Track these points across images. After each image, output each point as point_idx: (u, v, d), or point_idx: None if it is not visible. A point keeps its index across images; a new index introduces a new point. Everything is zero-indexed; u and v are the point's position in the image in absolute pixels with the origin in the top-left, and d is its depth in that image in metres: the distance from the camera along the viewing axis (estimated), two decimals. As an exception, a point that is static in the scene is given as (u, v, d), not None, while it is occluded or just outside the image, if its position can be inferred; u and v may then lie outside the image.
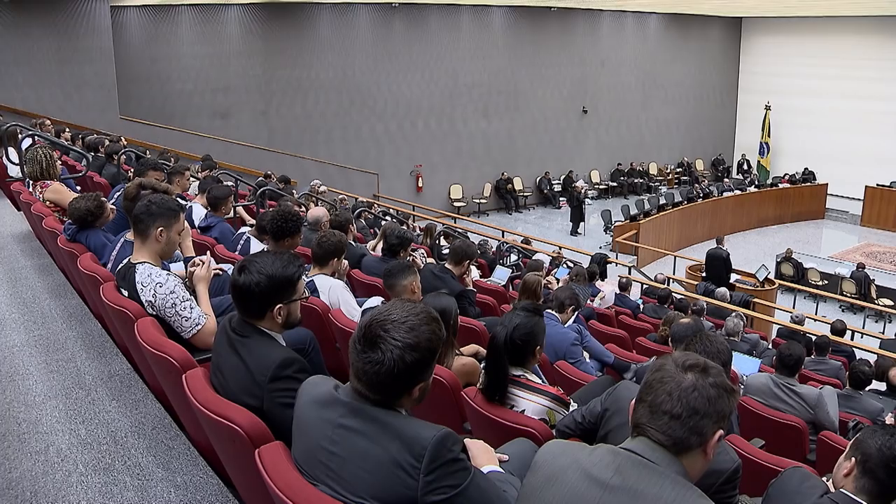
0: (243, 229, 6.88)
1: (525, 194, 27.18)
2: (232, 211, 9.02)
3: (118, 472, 3.43)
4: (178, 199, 5.79)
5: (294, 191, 14.91)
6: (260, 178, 15.33)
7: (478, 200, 25.95)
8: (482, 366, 3.99)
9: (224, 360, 3.00)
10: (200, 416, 2.76)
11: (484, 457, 2.76)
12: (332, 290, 5.19)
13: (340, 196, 16.52)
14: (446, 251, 9.51)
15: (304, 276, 3.29)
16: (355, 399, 2.31)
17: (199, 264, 4.09)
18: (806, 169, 28.95)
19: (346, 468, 2.27)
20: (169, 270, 4.00)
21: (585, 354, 6.51)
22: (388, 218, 15.43)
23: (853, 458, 2.93)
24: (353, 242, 7.69)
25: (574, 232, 23.97)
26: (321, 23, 22.44)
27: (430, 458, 2.20)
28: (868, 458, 2.89)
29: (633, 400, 2.14)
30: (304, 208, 11.30)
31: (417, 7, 23.78)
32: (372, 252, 7.99)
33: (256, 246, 6.31)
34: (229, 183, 10.80)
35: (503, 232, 18.91)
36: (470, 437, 2.92)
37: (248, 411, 2.66)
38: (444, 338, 2.43)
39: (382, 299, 4.97)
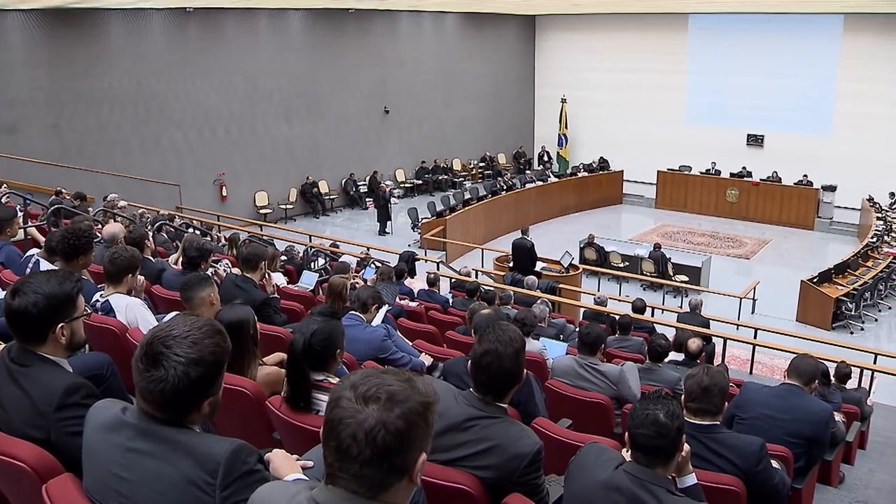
0: (32, 251, 6.55)
1: (331, 197, 27.07)
2: (21, 232, 8.61)
3: None
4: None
5: (90, 207, 14.30)
6: (52, 197, 14.65)
7: (284, 206, 25.58)
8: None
9: (4, 394, 2.84)
10: (-18, 456, 2.62)
11: (286, 466, 2.70)
12: (129, 309, 5.01)
13: (141, 210, 15.96)
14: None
15: (91, 294, 3.18)
16: (143, 420, 2.25)
17: None
18: (601, 158, 30.22)
19: (139, 493, 2.21)
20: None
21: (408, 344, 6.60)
22: (190, 230, 15.06)
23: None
24: (151, 257, 7.48)
25: (382, 232, 24.13)
26: (112, 30, 21.34)
27: (224, 473, 2.18)
28: (628, 430, 3.12)
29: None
30: (100, 225, 10.88)
31: (212, 11, 23.07)
32: (173, 266, 7.79)
33: (46, 268, 6.03)
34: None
35: (310, 236, 18.79)
36: (279, 447, 2.90)
37: (34, 445, 2.55)
38: (230, 350, 2.39)
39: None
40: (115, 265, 5.12)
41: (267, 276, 6.90)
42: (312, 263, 14.98)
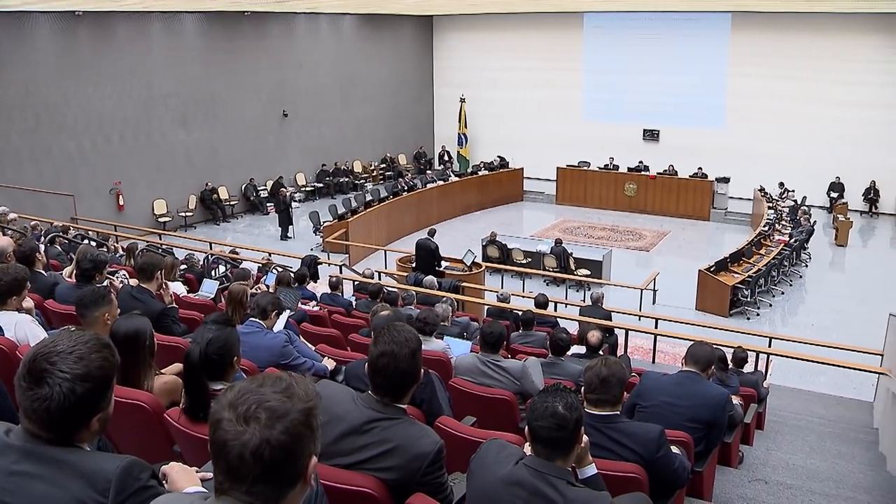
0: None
1: (232, 203, 26.69)
2: None
3: None
4: None
5: (-23, 221, 13.80)
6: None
7: (183, 214, 25.06)
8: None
9: None
10: None
11: (184, 478, 2.60)
12: (18, 326, 4.84)
13: (33, 222, 15.49)
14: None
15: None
16: (28, 441, 2.16)
17: None
18: (499, 156, 30.47)
19: None
20: None
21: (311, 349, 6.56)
22: (85, 241, 14.66)
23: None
24: (43, 271, 7.27)
25: (284, 237, 23.91)
26: (-6, 35, 20.62)
27: (116, 491, 2.12)
28: (528, 424, 3.16)
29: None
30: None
31: (103, 15, 22.29)
32: (67, 279, 7.59)
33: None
34: None
35: (211, 244, 18.51)
36: (179, 460, 2.84)
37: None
38: (119, 364, 2.32)
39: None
40: (-5, 286, 4.93)
41: (164, 285, 6.77)
42: (213, 271, 14.77)
